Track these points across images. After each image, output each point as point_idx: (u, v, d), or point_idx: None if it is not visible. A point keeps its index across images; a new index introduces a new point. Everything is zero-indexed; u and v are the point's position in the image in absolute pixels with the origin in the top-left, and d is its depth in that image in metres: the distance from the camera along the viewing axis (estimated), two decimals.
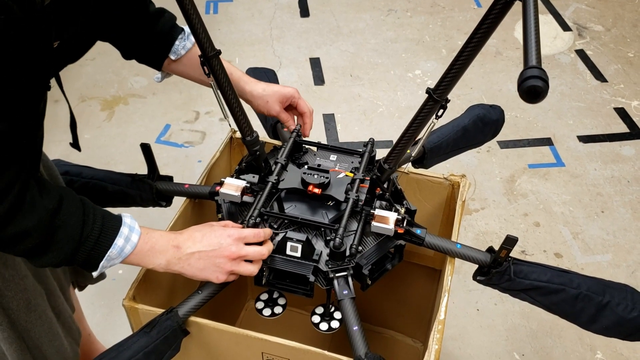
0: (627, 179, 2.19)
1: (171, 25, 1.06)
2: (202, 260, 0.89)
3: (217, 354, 1.01)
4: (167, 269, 0.89)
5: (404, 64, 2.71)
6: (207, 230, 0.91)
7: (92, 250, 0.82)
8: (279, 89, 1.13)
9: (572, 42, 2.85)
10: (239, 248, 0.91)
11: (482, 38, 0.80)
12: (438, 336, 0.94)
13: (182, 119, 2.38)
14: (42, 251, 0.79)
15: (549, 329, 1.72)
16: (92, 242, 0.81)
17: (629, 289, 1.02)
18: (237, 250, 0.90)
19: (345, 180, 1.10)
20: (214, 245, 0.89)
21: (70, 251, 0.80)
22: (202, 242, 0.89)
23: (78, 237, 0.80)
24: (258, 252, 0.93)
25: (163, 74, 1.14)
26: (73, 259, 0.82)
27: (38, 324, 1.00)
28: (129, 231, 0.85)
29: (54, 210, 0.78)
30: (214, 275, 0.90)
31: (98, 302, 1.71)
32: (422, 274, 1.40)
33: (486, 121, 1.24)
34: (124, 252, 0.84)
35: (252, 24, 2.93)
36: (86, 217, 0.81)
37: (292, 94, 1.14)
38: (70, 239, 0.80)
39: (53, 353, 1.04)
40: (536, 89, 0.59)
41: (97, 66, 2.63)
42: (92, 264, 0.83)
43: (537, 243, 1.95)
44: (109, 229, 0.83)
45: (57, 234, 0.79)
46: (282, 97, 1.13)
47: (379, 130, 2.36)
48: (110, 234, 0.83)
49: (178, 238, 0.90)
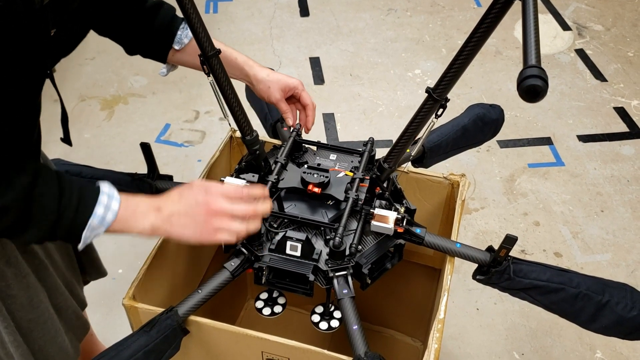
0: (626, 179, 2.19)
1: (171, 16, 1.06)
2: (182, 218, 0.86)
3: (217, 353, 1.01)
4: (153, 232, 0.86)
5: (403, 64, 2.71)
6: (184, 188, 0.89)
7: (72, 221, 0.80)
8: (282, 77, 1.11)
9: (572, 42, 2.85)
10: (218, 203, 0.87)
11: (481, 37, 0.80)
12: (438, 335, 0.94)
13: (182, 118, 2.38)
14: (22, 228, 0.78)
15: (548, 328, 1.72)
16: (71, 213, 0.80)
17: (628, 288, 1.02)
18: (216, 205, 0.87)
19: (345, 180, 1.10)
20: (191, 202, 0.87)
21: (51, 224, 0.79)
22: (180, 201, 0.87)
23: (56, 208, 0.79)
24: (242, 209, 0.88)
25: (168, 66, 1.13)
26: (55, 232, 0.80)
27: (40, 323, 1.00)
28: (108, 199, 0.83)
29: (30, 185, 0.77)
30: (197, 233, 0.87)
31: (98, 301, 1.71)
32: (422, 273, 1.40)
33: (486, 120, 1.24)
34: (105, 220, 0.82)
35: (252, 23, 2.93)
36: (62, 189, 0.80)
37: (295, 85, 1.12)
38: (48, 212, 0.78)
39: (55, 352, 1.05)
40: (535, 88, 0.59)
41: (96, 66, 2.63)
42: (75, 235, 0.81)
43: (537, 242, 1.95)
44: (87, 198, 0.81)
45: (34, 208, 0.78)
46: (285, 85, 1.11)
47: (379, 129, 2.36)
48: (89, 203, 0.81)
49: (158, 200, 0.87)
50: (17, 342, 0.97)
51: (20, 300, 0.95)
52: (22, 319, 0.97)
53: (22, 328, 0.98)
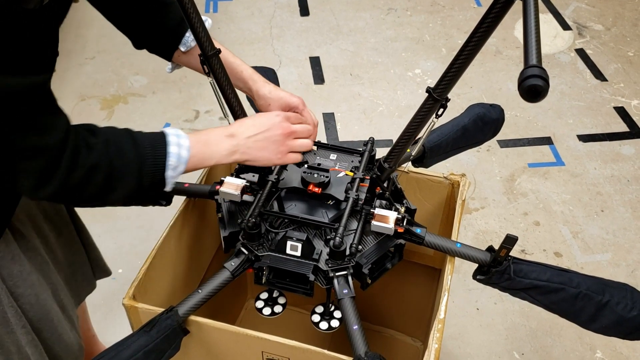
0: (626, 178, 2.19)
1: (181, 16, 1.05)
2: (259, 142, 0.93)
3: (217, 353, 1.01)
4: (230, 159, 0.92)
5: (403, 63, 2.70)
6: (257, 116, 0.97)
7: (153, 165, 0.83)
8: (284, 96, 1.09)
9: (572, 41, 2.85)
10: (289, 124, 0.97)
11: (482, 37, 0.80)
12: (438, 335, 0.94)
13: (182, 117, 2.38)
14: (112, 185, 0.81)
15: (548, 328, 1.72)
16: (150, 159, 0.83)
17: (628, 288, 1.02)
18: (287, 126, 0.96)
19: (345, 180, 1.10)
20: (266, 125, 0.94)
21: (136, 173, 0.82)
22: (254, 125, 0.94)
23: (136, 157, 0.82)
24: (306, 128, 1.01)
25: (173, 64, 1.13)
26: (141, 182, 0.83)
27: (48, 321, 1.00)
28: (176, 138, 0.86)
29: (107, 142, 0.81)
30: (274, 153, 0.95)
31: (98, 301, 1.71)
32: (422, 273, 1.40)
33: (486, 120, 1.24)
34: (182, 157, 0.85)
35: (252, 22, 2.93)
36: (135, 139, 0.83)
37: (296, 104, 1.09)
38: (131, 161, 0.82)
39: (63, 350, 1.05)
40: (536, 88, 0.59)
41: (96, 65, 2.63)
42: (159, 179, 0.85)
43: (537, 242, 1.95)
44: (158, 142, 0.85)
45: (117, 160, 0.81)
46: (285, 105, 1.09)
47: (379, 129, 2.36)
48: (162, 145, 0.85)
49: (229, 128, 0.93)
50: (34, 342, 0.97)
51: (28, 298, 0.95)
52: (33, 319, 0.97)
53: (34, 329, 0.98)
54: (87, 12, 1.24)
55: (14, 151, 0.72)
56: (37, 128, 0.73)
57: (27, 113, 0.71)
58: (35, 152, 0.73)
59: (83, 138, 0.79)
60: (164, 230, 1.10)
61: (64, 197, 0.80)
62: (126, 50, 1.10)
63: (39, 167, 0.74)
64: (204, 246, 1.29)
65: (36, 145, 0.73)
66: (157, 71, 2.55)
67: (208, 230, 1.28)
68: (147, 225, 1.95)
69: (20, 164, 0.74)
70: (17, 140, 0.71)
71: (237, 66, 1.06)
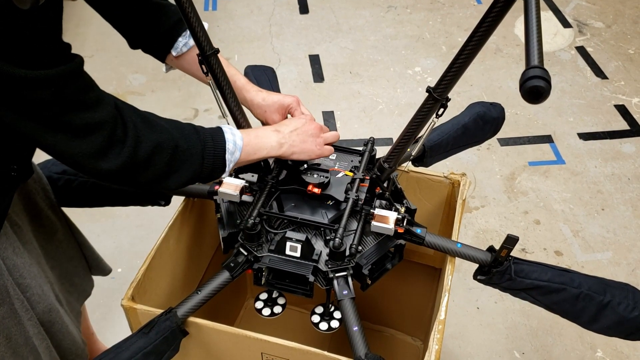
0: (627, 177, 2.19)
1: (175, 20, 1.05)
2: (300, 135, 1.02)
3: (217, 354, 1.01)
4: (279, 151, 0.99)
5: (403, 61, 2.70)
6: (291, 119, 1.07)
7: (214, 149, 0.88)
8: (278, 99, 1.10)
9: (573, 39, 2.85)
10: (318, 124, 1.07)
11: (482, 37, 0.79)
12: (438, 336, 0.94)
13: (181, 116, 2.37)
14: (175, 166, 0.84)
15: (549, 327, 1.71)
16: (211, 143, 0.88)
17: (630, 288, 1.01)
18: (317, 123, 1.07)
19: (345, 180, 1.09)
20: (301, 122, 1.04)
21: (199, 156, 0.87)
22: (292, 123, 1.04)
23: (198, 142, 0.87)
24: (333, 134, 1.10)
25: (167, 66, 1.13)
26: (202, 163, 0.87)
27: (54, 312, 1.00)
28: (229, 128, 0.93)
29: (170, 123, 0.86)
30: (314, 145, 1.03)
31: (97, 301, 1.71)
32: (422, 273, 1.39)
33: (486, 119, 1.24)
34: (237, 144, 0.91)
35: (251, 20, 2.92)
36: (194, 127, 0.89)
37: (290, 103, 1.10)
38: (195, 146, 0.86)
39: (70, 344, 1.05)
40: (538, 89, 0.59)
41: (95, 63, 2.62)
42: (220, 161, 0.90)
43: (537, 241, 1.95)
44: (214, 131, 0.90)
45: (182, 143, 0.84)
46: (281, 107, 1.10)
47: (379, 127, 2.36)
48: (219, 133, 0.91)
49: (274, 126, 1.03)
50: (42, 336, 0.97)
51: (35, 290, 0.95)
52: (42, 311, 0.97)
53: (44, 323, 0.98)
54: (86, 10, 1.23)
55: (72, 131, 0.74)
56: (87, 105, 0.75)
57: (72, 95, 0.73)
58: (92, 127, 0.75)
59: (138, 114, 0.82)
60: (163, 231, 1.10)
61: (129, 172, 0.81)
62: (125, 49, 1.09)
63: (100, 141, 0.76)
64: (203, 247, 1.28)
65: (89, 121, 0.75)
66: (156, 70, 2.54)
67: (207, 230, 1.28)
68: (147, 224, 1.94)
69: (82, 143, 0.75)
70: (73, 120, 0.73)
71: (232, 76, 1.06)
